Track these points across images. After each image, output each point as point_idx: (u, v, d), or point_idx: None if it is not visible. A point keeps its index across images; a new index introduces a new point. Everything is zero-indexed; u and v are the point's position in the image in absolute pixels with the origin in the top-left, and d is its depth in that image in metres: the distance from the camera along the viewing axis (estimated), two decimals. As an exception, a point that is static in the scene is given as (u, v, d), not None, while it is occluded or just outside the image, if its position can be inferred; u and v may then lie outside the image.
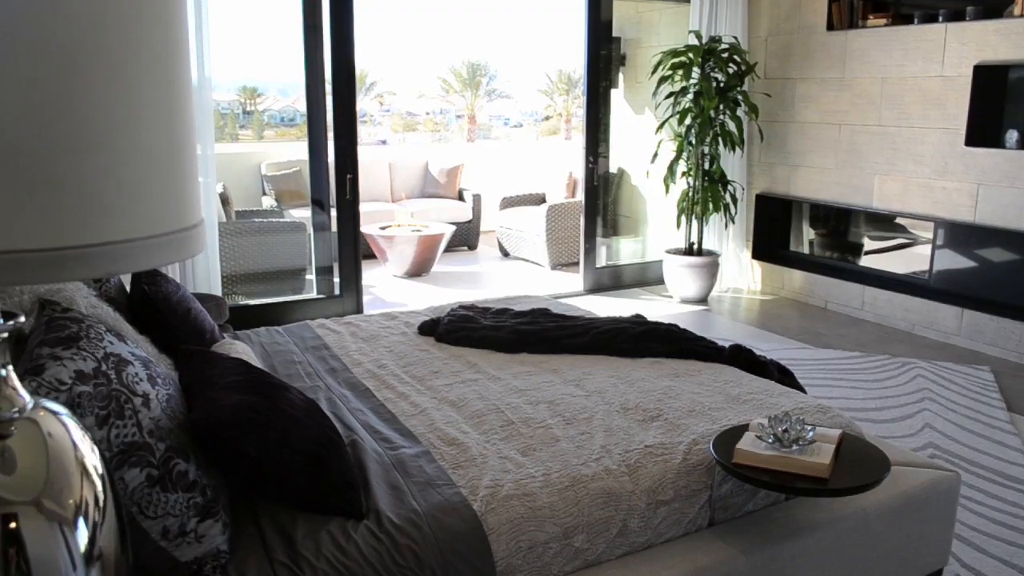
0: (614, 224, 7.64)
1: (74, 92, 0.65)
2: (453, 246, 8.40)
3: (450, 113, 19.83)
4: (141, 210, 0.70)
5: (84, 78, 0.66)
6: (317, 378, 2.81)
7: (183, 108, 0.74)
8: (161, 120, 0.71)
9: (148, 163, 0.71)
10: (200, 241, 0.77)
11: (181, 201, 0.74)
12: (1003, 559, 2.81)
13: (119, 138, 0.68)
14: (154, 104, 0.71)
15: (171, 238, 0.72)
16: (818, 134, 6.18)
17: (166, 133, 0.72)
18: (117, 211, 0.68)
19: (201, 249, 0.77)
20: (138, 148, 0.70)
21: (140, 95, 0.70)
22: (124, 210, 0.69)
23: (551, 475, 2.05)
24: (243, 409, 1.76)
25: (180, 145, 0.74)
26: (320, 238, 5.62)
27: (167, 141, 0.72)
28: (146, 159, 0.70)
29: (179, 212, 0.74)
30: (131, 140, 0.69)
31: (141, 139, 0.70)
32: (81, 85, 0.66)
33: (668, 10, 7.14)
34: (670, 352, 3.08)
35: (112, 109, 0.68)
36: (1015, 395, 4.44)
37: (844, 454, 2.12)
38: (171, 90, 0.73)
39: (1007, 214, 5.03)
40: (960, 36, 5.17)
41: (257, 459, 1.72)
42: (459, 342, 3.19)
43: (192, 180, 0.77)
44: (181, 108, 0.74)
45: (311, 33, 5.15)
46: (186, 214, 0.75)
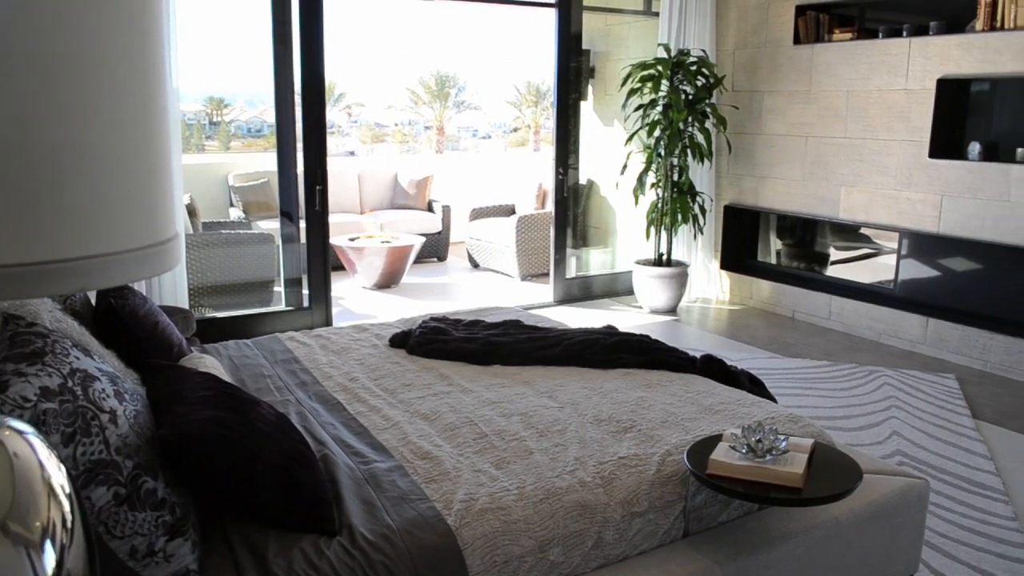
0: (584, 235, 7.66)
1: (47, 102, 0.63)
2: (423, 257, 8.37)
3: (419, 124, 19.82)
4: (115, 223, 0.68)
5: (57, 87, 0.64)
6: (287, 392, 2.78)
7: (158, 118, 0.72)
8: (137, 130, 0.70)
9: (123, 175, 0.69)
10: (175, 255, 0.76)
11: (156, 214, 0.72)
12: (971, 565, 2.84)
13: (93, 149, 0.66)
14: (129, 113, 0.69)
15: (146, 252, 0.70)
16: (785, 146, 6.25)
17: (142, 144, 0.70)
18: (91, 225, 0.66)
19: (176, 263, 0.75)
20: (113, 160, 0.68)
21: (115, 104, 0.68)
22: (98, 223, 0.67)
23: (525, 488, 2.04)
24: (213, 425, 1.73)
25: (155, 156, 0.72)
26: (289, 250, 5.57)
27: (142, 152, 0.71)
28: (121, 171, 0.69)
29: (154, 225, 0.72)
30: (105, 151, 0.67)
31: (116, 150, 0.68)
32: (54, 95, 0.64)
33: (637, 23, 7.19)
34: (642, 363, 3.09)
35: (86, 119, 0.66)
36: (980, 402, 4.51)
37: (817, 463, 2.13)
38: (147, 99, 0.71)
39: (970, 224, 5.12)
40: (924, 50, 5.26)
41: (227, 476, 1.70)
42: (431, 354, 3.17)
43: (167, 192, 0.76)
44: (156, 118, 0.72)
45: (280, 44, 5.12)
46: (161, 227, 0.74)
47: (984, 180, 5.01)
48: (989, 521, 3.16)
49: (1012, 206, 4.88)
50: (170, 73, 4.56)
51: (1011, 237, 4.91)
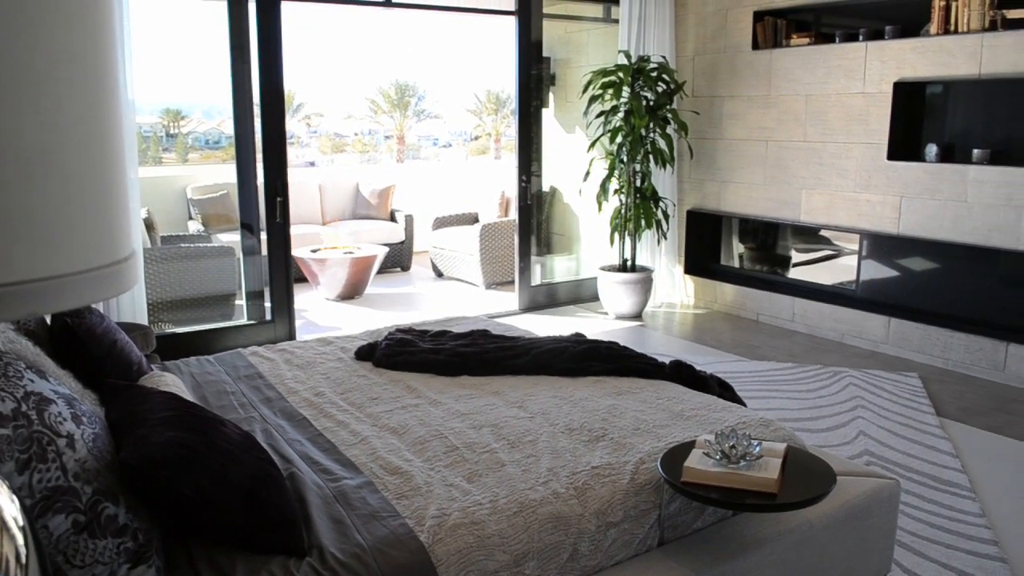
0: (548, 242, 7.66)
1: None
2: (386, 267, 8.31)
3: (379, 134, 19.74)
4: (67, 243, 0.64)
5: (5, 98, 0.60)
6: (252, 409, 2.71)
7: (112, 131, 0.68)
8: (90, 145, 0.65)
9: (75, 192, 0.65)
10: (133, 274, 0.72)
11: (111, 232, 0.68)
12: (942, 562, 2.86)
13: (43, 166, 0.62)
14: (82, 128, 0.65)
15: (101, 273, 0.66)
16: (746, 150, 6.30)
17: (96, 159, 0.66)
18: (40, 245, 0.62)
19: (133, 283, 0.71)
20: (64, 176, 0.64)
21: (66, 118, 0.64)
22: (51, 243, 0.62)
23: (498, 501, 2.01)
24: (176, 446, 1.68)
25: (109, 171, 0.68)
26: (250, 262, 5.48)
27: (96, 168, 0.66)
28: (73, 187, 0.64)
29: (111, 244, 0.68)
30: (56, 167, 0.63)
31: (67, 166, 0.64)
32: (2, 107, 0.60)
33: (597, 30, 7.21)
34: (611, 370, 3.07)
35: (35, 134, 0.62)
36: (943, 400, 4.56)
37: (790, 467, 2.13)
38: (99, 113, 0.67)
39: (929, 225, 5.18)
40: (880, 54, 5.32)
41: (192, 498, 1.64)
42: (398, 367, 3.12)
43: (123, 209, 0.72)
44: (110, 131, 0.68)
45: (238, 54, 5.04)
46: (117, 246, 0.69)
47: (941, 181, 5.09)
48: (957, 518, 3.18)
49: (969, 206, 4.95)
50: (125, 85, 4.47)
51: (969, 237, 4.98)
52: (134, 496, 1.64)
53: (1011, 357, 4.83)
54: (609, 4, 6.83)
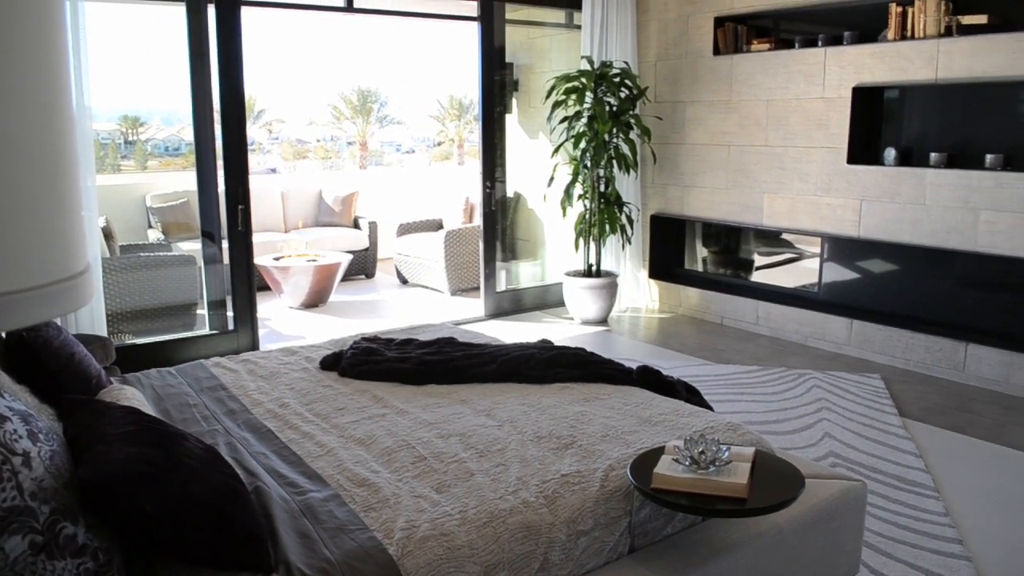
0: (513, 248, 7.64)
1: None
2: (350, 275, 8.24)
3: (341, 140, 19.61)
4: (19, 258, 0.61)
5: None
6: (215, 421, 2.66)
7: (65, 142, 0.65)
8: (41, 157, 0.62)
9: (26, 205, 0.62)
10: (88, 289, 0.69)
11: (65, 246, 0.65)
12: (908, 562, 2.88)
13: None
14: (33, 138, 0.62)
15: (56, 288, 0.63)
16: (708, 155, 6.34)
17: (49, 171, 0.63)
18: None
19: (88, 299, 0.68)
20: (13, 188, 0.61)
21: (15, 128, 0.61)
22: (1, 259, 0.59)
23: (468, 512, 1.99)
24: (136, 462, 1.63)
25: (62, 184, 0.65)
26: (211, 271, 5.40)
27: (48, 180, 0.63)
28: (23, 201, 0.61)
29: (64, 258, 0.65)
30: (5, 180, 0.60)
31: (17, 179, 0.61)
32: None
33: (559, 36, 7.22)
34: (579, 376, 3.06)
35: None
36: (905, 401, 4.61)
37: (759, 472, 2.13)
38: (52, 122, 0.64)
39: (889, 228, 5.25)
40: (839, 59, 5.39)
41: (154, 516, 1.60)
42: (364, 376, 3.09)
43: (77, 221, 0.69)
44: (62, 142, 0.65)
45: (197, 59, 4.97)
46: (71, 260, 0.66)
47: (900, 184, 5.16)
48: (922, 518, 3.21)
49: (927, 209, 5.03)
50: (82, 91, 4.38)
51: (927, 239, 5.06)
52: (94, 515, 1.59)
53: (970, 357, 4.91)
54: (571, 10, 6.85)
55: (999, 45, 4.62)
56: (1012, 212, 4.66)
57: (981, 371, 4.87)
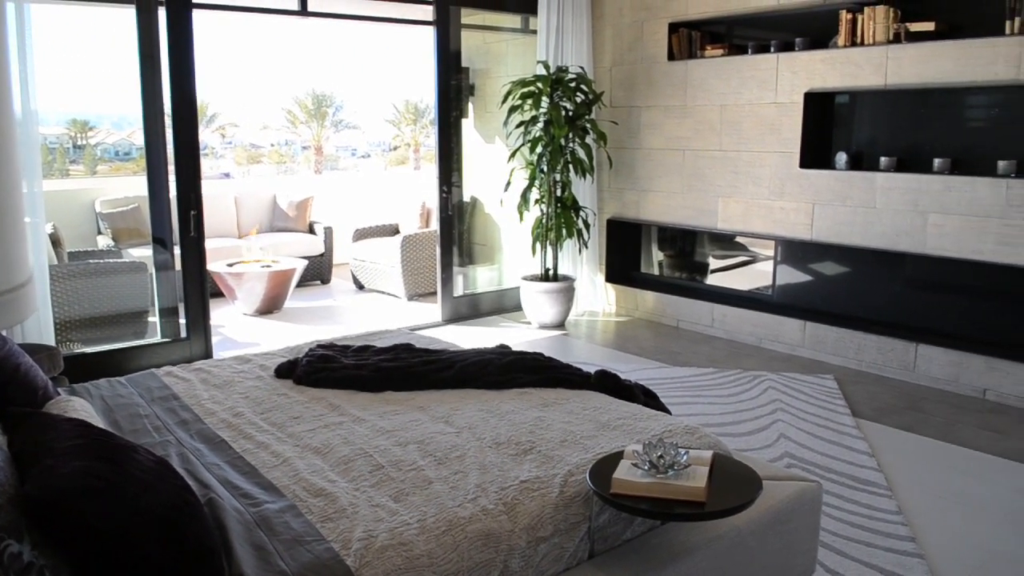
0: (470, 253, 7.63)
1: None
2: (306, 281, 8.16)
3: (296, 144, 19.44)
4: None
5: None
6: (167, 432, 2.61)
7: (5, 145, 0.63)
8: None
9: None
10: (30, 302, 0.66)
11: (5, 256, 0.63)
12: (863, 560, 2.92)
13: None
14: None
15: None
16: (664, 160, 6.39)
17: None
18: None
19: (30, 312, 0.65)
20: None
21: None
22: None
23: (427, 520, 1.97)
24: (84, 477, 1.59)
25: (3, 189, 0.62)
26: (163, 278, 5.31)
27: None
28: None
29: (4, 269, 0.62)
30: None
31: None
32: None
33: (515, 41, 7.23)
34: (537, 381, 3.06)
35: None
36: (858, 401, 4.69)
37: (717, 475, 2.14)
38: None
39: (840, 231, 5.34)
40: (791, 65, 5.47)
41: (104, 532, 1.55)
42: (320, 383, 3.05)
43: (19, 229, 0.66)
44: (3, 145, 0.62)
45: (148, 63, 4.88)
46: (12, 271, 0.64)
47: (851, 188, 5.24)
48: (876, 516, 3.26)
49: (878, 212, 5.12)
50: (28, 95, 4.27)
51: (878, 241, 5.15)
52: (40, 532, 1.54)
53: (920, 357, 5.00)
54: (527, 15, 6.86)
55: (946, 52, 4.72)
56: (959, 215, 4.76)
57: (931, 371, 4.96)
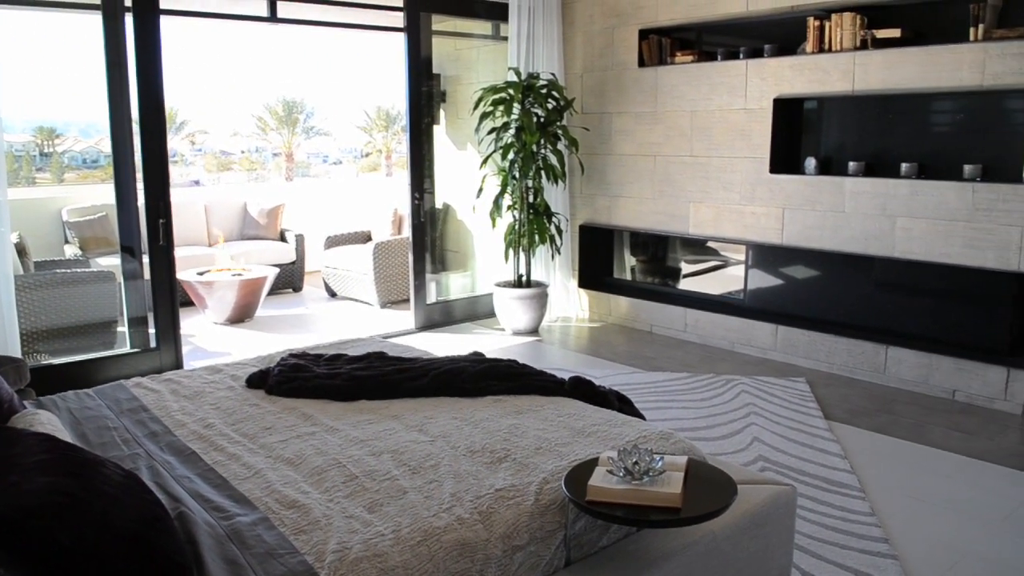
0: (442, 259, 7.61)
1: None
2: (277, 289, 8.10)
3: (266, 151, 19.30)
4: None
5: None
6: (136, 445, 2.57)
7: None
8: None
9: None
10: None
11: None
12: (837, 563, 2.94)
13: None
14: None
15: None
16: (635, 165, 6.41)
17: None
18: None
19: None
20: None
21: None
22: None
23: (401, 531, 1.95)
24: (51, 493, 1.56)
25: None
26: (132, 287, 5.24)
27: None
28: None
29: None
30: None
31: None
32: None
33: (486, 47, 7.23)
34: (511, 389, 3.05)
35: None
36: (830, 403, 4.72)
37: (692, 481, 2.14)
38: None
39: (810, 235, 5.38)
40: (760, 71, 5.51)
41: (71, 549, 1.52)
42: (292, 393, 3.02)
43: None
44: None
45: (115, 70, 4.82)
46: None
47: (820, 193, 5.29)
48: (849, 518, 3.29)
49: (847, 216, 5.17)
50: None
51: (847, 245, 5.20)
52: (5, 551, 1.51)
53: (890, 359, 5.05)
54: (498, 22, 6.86)
55: (911, 58, 4.78)
56: (927, 219, 4.82)
57: (901, 373, 5.01)
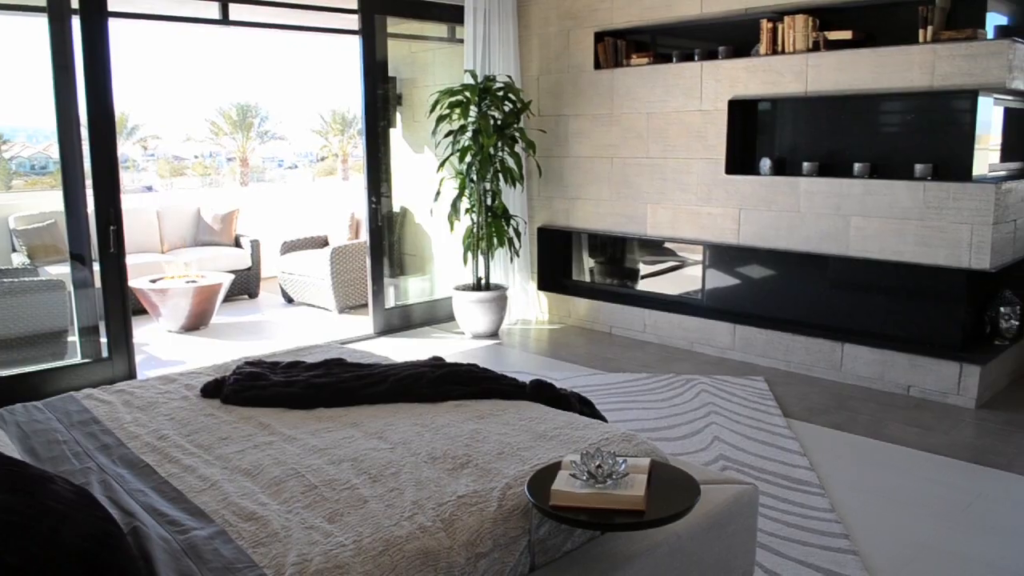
0: (401, 263, 7.56)
1: None
2: (233, 295, 7.98)
3: (220, 156, 19.06)
4: None
5: None
6: (87, 458, 2.50)
7: None
8: None
9: None
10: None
11: None
12: (799, 560, 2.96)
13: None
14: None
15: None
16: (592, 167, 6.42)
17: None
18: None
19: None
20: None
21: None
22: None
23: (363, 541, 1.91)
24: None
25: None
26: (82, 296, 5.12)
27: None
28: None
29: None
30: None
31: None
32: None
33: (442, 50, 7.19)
34: (472, 393, 3.02)
35: None
36: (788, 401, 4.77)
37: (656, 482, 2.13)
38: None
39: (766, 235, 5.43)
40: (715, 73, 5.55)
41: (20, 569, 1.46)
42: (248, 402, 2.96)
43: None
44: None
45: (62, 74, 4.71)
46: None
47: (776, 193, 5.34)
48: (810, 515, 3.31)
49: (802, 216, 5.22)
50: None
51: (803, 245, 5.25)
52: (-53, 572, 1.45)
53: (846, 357, 5.12)
54: (453, 24, 6.83)
55: (863, 59, 4.85)
56: (880, 217, 4.89)
57: (857, 370, 5.08)
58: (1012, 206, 4.71)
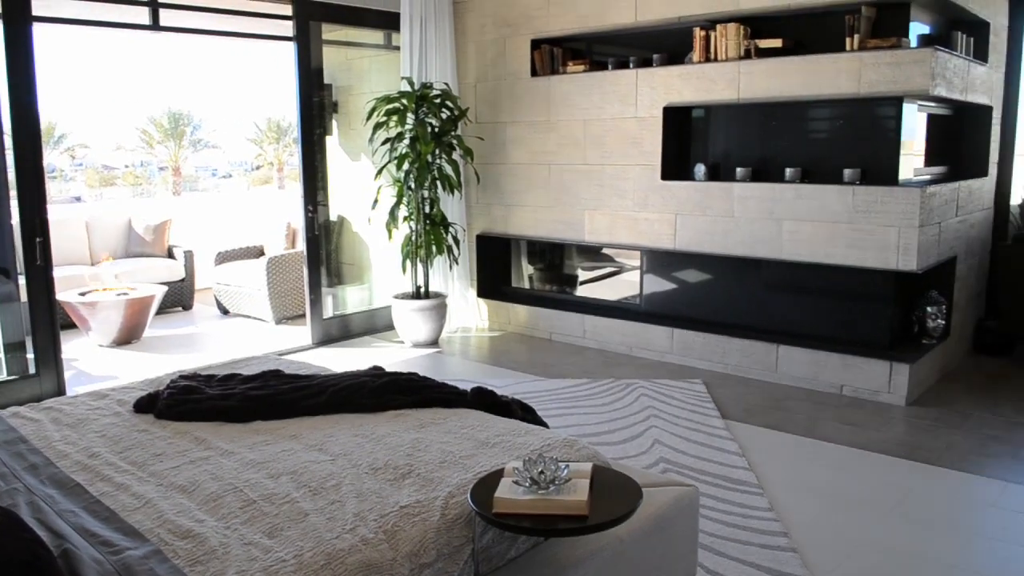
0: (339, 273, 7.48)
1: None
2: (166, 307, 7.80)
3: (152, 165, 18.66)
4: None
5: None
6: (13, 479, 2.41)
7: None
8: None
9: None
10: None
11: None
12: (739, 559, 3.00)
13: None
14: None
15: None
16: (530, 174, 6.45)
17: None
18: None
19: None
20: None
21: None
22: None
23: (304, 556, 1.88)
24: (-84, 537, 1.44)
25: None
26: (7, 311, 4.95)
27: None
28: None
29: None
30: None
31: None
32: None
33: (378, 57, 7.15)
34: (413, 402, 3.00)
35: None
36: (726, 403, 4.84)
37: (598, 487, 2.14)
38: None
39: (702, 240, 5.52)
40: (650, 81, 5.63)
41: (-61, 597, 1.41)
42: (183, 417, 2.89)
43: None
44: None
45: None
46: None
47: (710, 199, 5.43)
48: (749, 515, 3.36)
49: (736, 221, 5.32)
50: None
51: (737, 249, 5.35)
52: None
53: (781, 358, 5.22)
54: (390, 31, 6.80)
55: (793, 67, 4.96)
56: (811, 221, 5.00)
57: (792, 371, 5.18)
58: (936, 209, 4.86)
